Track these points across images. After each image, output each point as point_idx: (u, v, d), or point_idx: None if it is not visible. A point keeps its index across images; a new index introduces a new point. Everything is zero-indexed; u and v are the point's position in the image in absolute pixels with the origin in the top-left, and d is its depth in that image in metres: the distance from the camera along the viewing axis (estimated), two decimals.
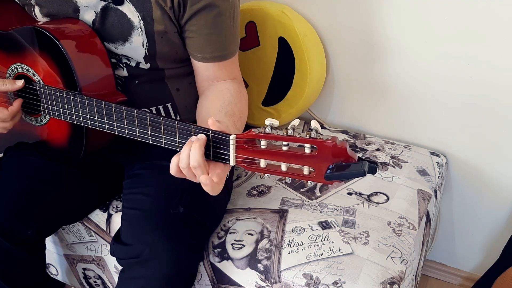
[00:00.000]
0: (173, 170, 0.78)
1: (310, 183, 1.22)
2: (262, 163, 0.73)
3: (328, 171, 0.67)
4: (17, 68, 0.99)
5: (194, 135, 0.77)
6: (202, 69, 1.01)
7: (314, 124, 0.69)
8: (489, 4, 1.18)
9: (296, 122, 0.71)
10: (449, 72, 1.30)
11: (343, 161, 0.67)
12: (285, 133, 0.69)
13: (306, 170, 0.70)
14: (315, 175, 0.69)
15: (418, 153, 1.38)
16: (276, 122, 0.71)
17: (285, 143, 0.70)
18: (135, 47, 0.97)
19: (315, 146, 0.68)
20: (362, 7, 1.33)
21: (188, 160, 0.75)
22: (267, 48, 1.36)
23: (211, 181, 0.75)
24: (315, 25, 1.40)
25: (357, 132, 1.48)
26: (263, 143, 0.71)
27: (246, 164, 0.74)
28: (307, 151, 0.69)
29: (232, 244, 1.06)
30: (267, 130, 0.70)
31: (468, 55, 1.26)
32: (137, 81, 1.02)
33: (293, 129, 0.69)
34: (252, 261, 1.04)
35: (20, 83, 0.97)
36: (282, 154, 0.70)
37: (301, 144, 0.69)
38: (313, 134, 0.68)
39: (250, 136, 0.72)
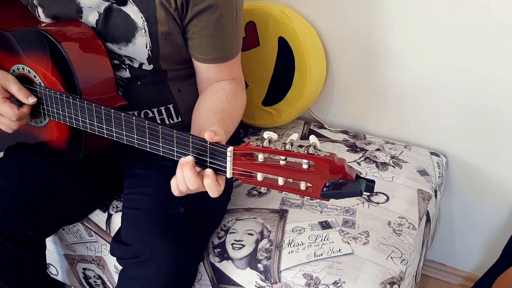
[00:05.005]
0: (175, 192, 0.81)
1: None
2: (259, 176, 0.72)
3: (325, 189, 0.67)
4: (18, 69, 0.99)
5: (192, 145, 0.78)
6: (203, 70, 1.01)
7: (312, 139, 0.68)
8: (487, 8, 1.19)
9: (294, 136, 0.70)
10: (449, 72, 1.30)
11: (341, 178, 0.67)
12: (283, 148, 0.69)
13: (303, 185, 0.70)
14: (312, 191, 0.69)
15: (418, 153, 1.38)
16: (274, 136, 0.71)
17: (282, 157, 0.69)
18: (138, 48, 0.96)
19: (312, 162, 0.68)
20: (362, 7, 1.33)
21: (186, 186, 0.77)
22: (267, 48, 1.36)
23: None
24: (315, 25, 1.40)
25: (357, 132, 1.48)
26: (260, 157, 0.71)
27: (243, 177, 0.74)
28: (305, 166, 0.68)
29: (232, 244, 1.06)
30: (265, 143, 0.70)
31: (468, 56, 1.26)
32: (139, 83, 1.02)
33: (291, 144, 0.69)
34: (252, 261, 1.04)
35: (32, 100, 0.94)
36: (280, 168, 0.70)
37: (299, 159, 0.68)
38: (311, 150, 0.67)
39: (247, 149, 0.72)
